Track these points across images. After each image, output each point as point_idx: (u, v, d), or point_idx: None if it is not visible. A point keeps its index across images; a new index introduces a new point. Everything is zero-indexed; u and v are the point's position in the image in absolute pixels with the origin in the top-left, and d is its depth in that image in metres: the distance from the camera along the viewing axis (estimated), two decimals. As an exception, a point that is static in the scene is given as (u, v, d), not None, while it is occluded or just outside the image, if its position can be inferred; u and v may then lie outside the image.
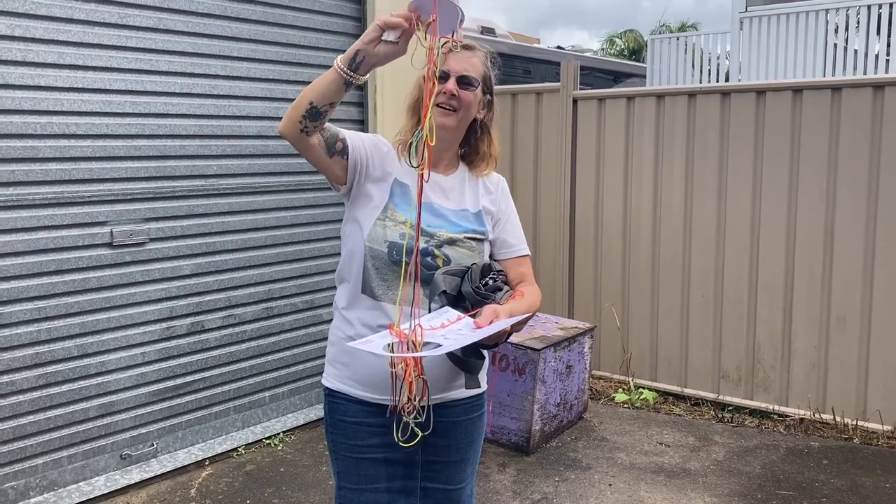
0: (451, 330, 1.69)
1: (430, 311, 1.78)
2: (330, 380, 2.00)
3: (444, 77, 1.90)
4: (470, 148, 2.04)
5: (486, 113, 2.02)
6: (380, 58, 1.71)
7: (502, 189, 2.10)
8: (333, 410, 1.99)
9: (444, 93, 1.88)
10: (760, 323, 4.78)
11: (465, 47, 1.94)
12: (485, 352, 1.87)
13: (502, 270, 1.96)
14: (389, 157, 1.96)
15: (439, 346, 1.61)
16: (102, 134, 3.59)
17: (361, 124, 4.60)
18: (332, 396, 1.99)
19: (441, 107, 1.90)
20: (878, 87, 4.36)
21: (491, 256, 2.02)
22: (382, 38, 1.67)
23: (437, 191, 1.97)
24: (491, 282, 1.87)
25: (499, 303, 1.80)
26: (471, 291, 1.82)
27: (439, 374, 1.88)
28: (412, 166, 1.63)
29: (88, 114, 3.53)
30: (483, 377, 2.03)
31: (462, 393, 1.97)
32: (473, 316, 1.72)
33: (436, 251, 1.88)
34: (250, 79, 4.12)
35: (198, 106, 3.92)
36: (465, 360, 1.81)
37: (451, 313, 1.75)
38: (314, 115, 1.79)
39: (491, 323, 1.67)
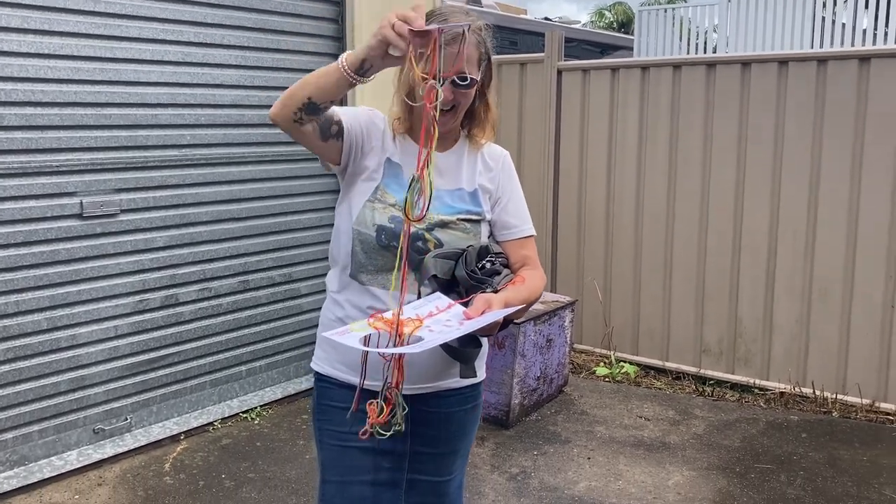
0: (438, 320, 1.55)
1: (419, 298, 1.65)
2: (319, 363, 1.91)
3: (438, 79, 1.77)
4: (466, 115, 1.89)
5: (482, 78, 1.85)
6: (386, 66, 1.59)
7: (504, 165, 1.96)
8: (321, 395, 1.89)
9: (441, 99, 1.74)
10: (742, 297, 4.76)
11: (456, 36, 1.72)
12: (483, 339, 1.74)
13: (501, 252, 1.85)
14: (386, 134, 1.85)
15: (421, 338, 1.48)
16: (70, 102, 3.49)
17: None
18: (320, 380, 1.90)
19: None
20: (864, 59, 4.31)
21: (493, 238, 1.91)
22: (388, 51, 1.53)
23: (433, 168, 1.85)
24: (488, 265, 1.75)
25: (496, 288, 1.68)
26: (465, 276, 1.69)
27: (432, 362, 1.77)
28: (409, 218, 1.51)
29: (55, 81, 3.43)
30: (481, 365, 1.92)
31: (456, 382, 1.86)
32: (465, 304, 1.60)
33: (427, 235, 1.76)
34: (224, 46, 4.01)
35: (170, 74, 3.82)
36: (459, 349, 1.69)
37: (441, 300, 1.62)
38: (312, 109, 1.66)
39: (482, 314, 1.54)
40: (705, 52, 12.09)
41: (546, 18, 13.61)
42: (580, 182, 5.32)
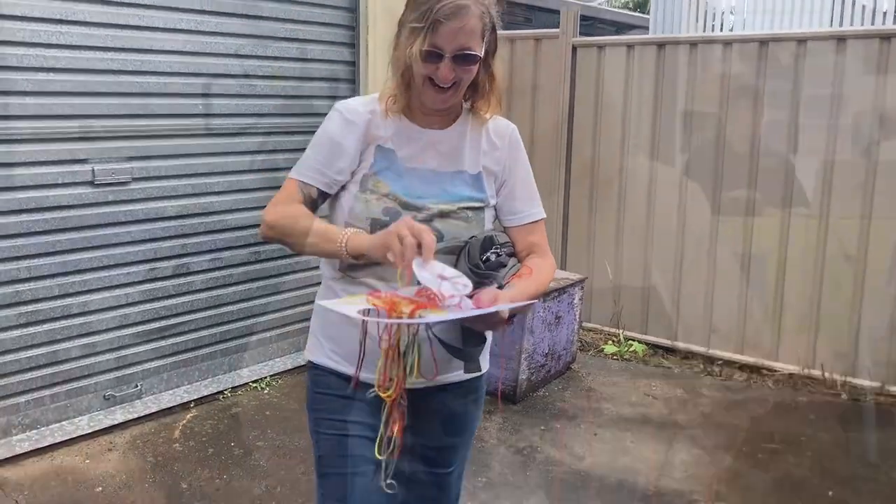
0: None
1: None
2: (314, 353, 1.81)
3: (436, 56, 1.58)
4: (468, 86, 1.73)
5: (487, 49, 1.68)
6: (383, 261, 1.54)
7: (511, 142, 1.80)
8: (317, 384, 1.80)
9: (439, 76, 1.60)
10: (754, 278, 4.73)
11: (457, 9, 1.58)
12: (488, 333, 1.66)
13: (507, 242, 1.71)
14: (371, 123, 1.70)
15: (424, 317, 1.41)
16: (83, 69, 3.48)
17: (353, 66, 4.48)
18: (314, 369, 1.81)
19: (435, 85, 1.62)
20: (885, 38, 4.24)
21: (499, 222, 1.81)
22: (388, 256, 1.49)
23: (429, 151, 1.71)
24: (493, 257, 1.63)
25: (502, 283, 1.58)
26: (467, 271, 1.58)
27: (433, 356, 1.64)
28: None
29: (68, 47, 3.41)
30: (485, 357, 1.81)
31: (459, 376, 1.77)
32: (469, 297, 1.50)
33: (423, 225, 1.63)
34: (237, 15, 3.98)
35: (182, 42, 3.80)
36: (462, 349, 1.61)
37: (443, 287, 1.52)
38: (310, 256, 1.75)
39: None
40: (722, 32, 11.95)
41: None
42: (593, 159, 5.28)
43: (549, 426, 3.90)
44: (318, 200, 1.72)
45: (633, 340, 5.10)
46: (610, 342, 5.12)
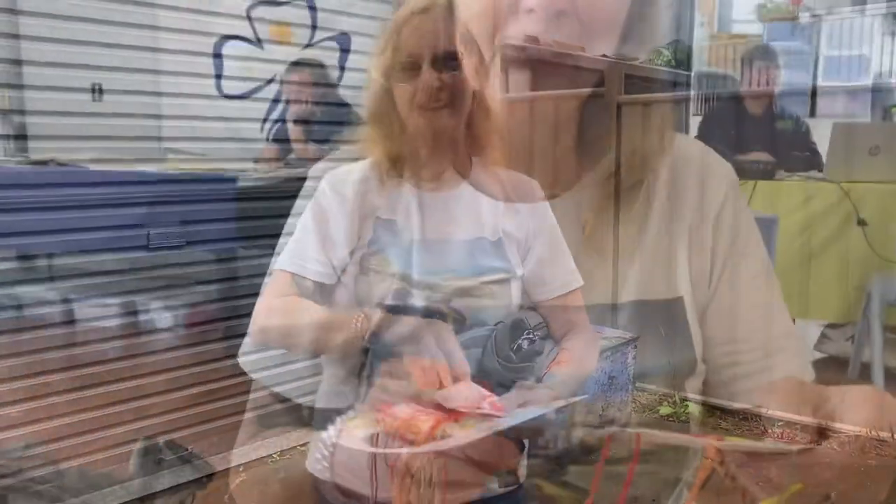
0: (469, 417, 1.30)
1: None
2: (316, 466, 1.56)
3: (413, 66, 1.38)
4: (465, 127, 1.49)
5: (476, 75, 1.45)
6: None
7: (533, 201, 1.56)
8: (321, 501, 1.57)
9: (423, 90, 1.38)
10: (814, 337, 4.58)
11: (424, 6, 1.39)
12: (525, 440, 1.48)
13: (540, 323, 1.48)
14: (366, 193, 1.49)
15: (449, 435, 1.22)
16: (138, 136, 3.60)
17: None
18: (319, 486, 1.55)
19: (425, 109, 1.40)
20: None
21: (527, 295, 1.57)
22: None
23: (438, 217, 1.47)
24: (526, 344, 1.42)
25: (539, 375, 1.41)
26: (497, 366, 1.39)
27: (460, 470, 1.43)
28: None
29: (125, 115, 3.55)
30: (523, 466, 1.60)
31: (492, 491, 1.53)
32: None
33: (443, 308, 1.42)
34: (297, 83, 4.11)
35: (236, 110, 3.91)
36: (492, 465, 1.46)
37: (471, 389, 1.33)
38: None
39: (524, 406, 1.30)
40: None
41: (603, 55, 13.60)
42: (642, 219, 5.22)
43: (605, 492, 3.76)
44: (316, 294, 1.48)
45: (689, 401, 4.94)
46: (665, 403, 4.97)
